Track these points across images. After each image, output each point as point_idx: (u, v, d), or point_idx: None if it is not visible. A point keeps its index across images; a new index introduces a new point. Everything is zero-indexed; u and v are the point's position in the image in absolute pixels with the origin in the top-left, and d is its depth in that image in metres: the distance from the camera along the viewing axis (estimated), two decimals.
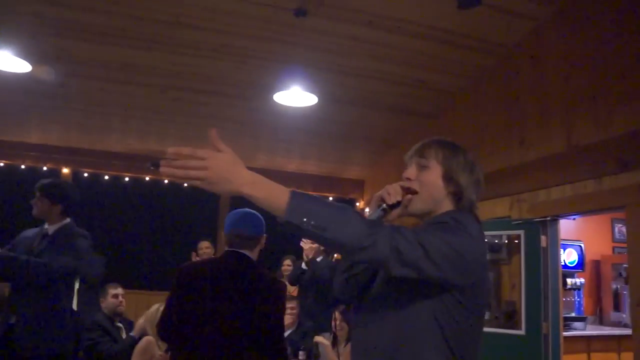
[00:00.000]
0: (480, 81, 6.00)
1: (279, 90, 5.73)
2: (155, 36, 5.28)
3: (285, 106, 6.06)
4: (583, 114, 4.65)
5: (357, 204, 9.11)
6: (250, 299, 2.24)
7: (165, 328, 2.36)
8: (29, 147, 7.76)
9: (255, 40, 5.32)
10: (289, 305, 4.84)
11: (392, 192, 1.74)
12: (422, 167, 1.79)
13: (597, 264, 6.85)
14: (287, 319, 4.86)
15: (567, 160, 4.76)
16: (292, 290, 6.03)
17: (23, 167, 7.77)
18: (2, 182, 7.65)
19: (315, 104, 5.96)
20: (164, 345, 3.38)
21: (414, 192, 1.74)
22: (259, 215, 2.55)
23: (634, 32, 4.25)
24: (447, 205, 1.74)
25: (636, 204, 4.06)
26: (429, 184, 1.75)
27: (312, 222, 1.39)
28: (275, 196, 1.43)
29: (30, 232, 3.69)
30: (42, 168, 7.84)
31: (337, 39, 5.27)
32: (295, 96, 5.71)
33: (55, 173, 7.88)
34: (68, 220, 3.70)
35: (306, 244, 5.61)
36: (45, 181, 3.73)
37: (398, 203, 1.74)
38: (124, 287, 4.92)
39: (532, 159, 5.17)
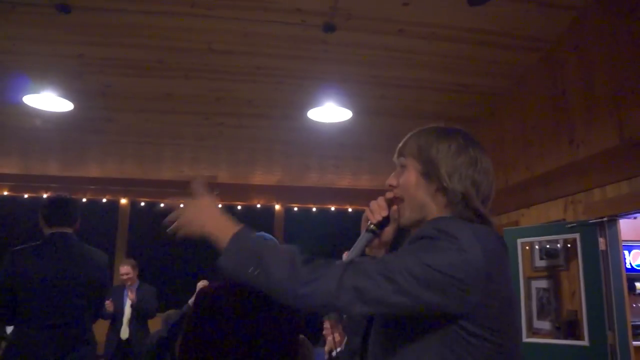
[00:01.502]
0: (523, 80, 5.74)
1: (314, 107, 5.71)
2: (191, 64, 5.40)
3: (321, 123, 6.03)
4: (634, 105, 4.34)
5: None
6: (266, 319, 2.20)
7: (186, 352, 2.34)
8: (88, 181, 8.11)
9: (287, 59, 5.33)
10: (326, 324, 4.77)
11: (376, 209, 1.53)
12: (402, 168, 1.51)
13: None
14: (336, 337, 4.78)
15: (621, 156, 4.44)
16: None
17: (84, 200, 8.11)
18: None
19: (354, 118, 5.89)
20: None
21: (400, 200, 1.46)
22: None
23: None
24: (434, 208, 1.41)
25: None
26: (409, 186, 1.44)
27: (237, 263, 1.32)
28: (222, 236, 1.38)
29: None
30: (101, 200, 8.15)
31: (368, 50, 5.19)
32: (330, 112, 5.67)
33: (114, 204, 8.18)
34: None
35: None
36: None
37: (386, 219, 1.51)
38: None
39: (583, 157, 4.87)
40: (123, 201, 8.22)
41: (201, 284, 4.23)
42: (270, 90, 5.84)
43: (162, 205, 7.81)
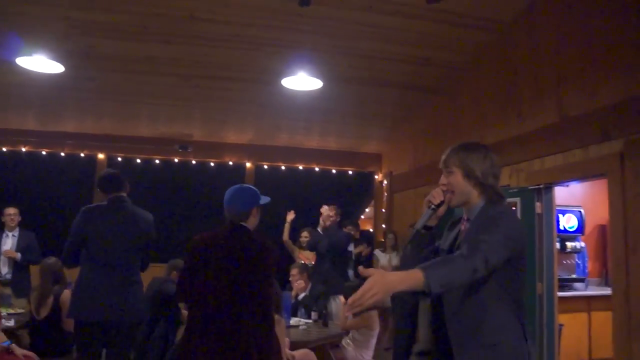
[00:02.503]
0: (480, 57, 6.27)
1: (288, 76, 6.11)
2: (173, 30, 5.73)
3: (293, 90, 6.45)
4: (572, 86, 4.92)
5: (376, 176, 9.49)
6: (243, 259, 2.68)
7: (181, 292, 2.84)
8: (67, 136, 8.39)
9: (264, 28, 5.71)
10: (292, 271, 5.34)
11: (437, 195, 2.35)
12: (449, 173, 2.32)
13: (603, 228, 7.10)
14: (299, 284, 5.37)
15: (558, 131, 5.04)
16: (311, 256, 6.56)
17: (63, 154, 8.41)
18: (45, 169, 8.31)
19: (326, 85, 6.33)
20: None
21: (451, 192, 2.29)
22: (250, 192, 2.94)
23: (619, 8, 4.48)
24: (475, 194, 2.27)
25: (616, 171, 4.35)
26: (457, 184, 2.28)
27: (442, 284, 1.88)
28: (415, 281, 1.86)
29: None
30: (79, 155, 8.47)
31: (340, 23, 5.60)
32: (303, 81, 6.09)
33: (91, 159, 8.51)
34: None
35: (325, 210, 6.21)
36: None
37: (442, 202, 2.33)
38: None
39: (528, 131, 5.47)
40: (100, 156, 8.56)
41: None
42: (246, 57, 6.22)
43: (138, 160, 8.20)
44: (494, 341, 2.09)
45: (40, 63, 5.62)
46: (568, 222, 6.64)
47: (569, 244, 6.53)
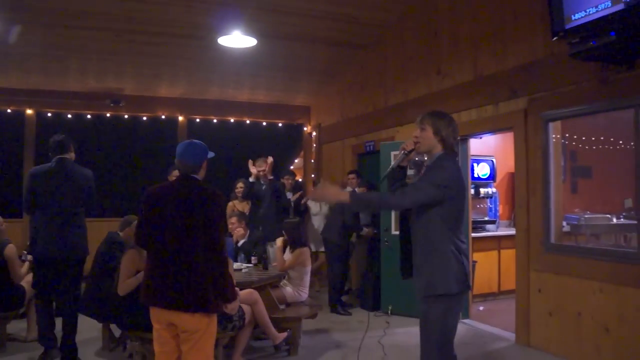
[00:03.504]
0: (404, 17, 6.69)
1: (222, 34, 6.29)
2: None
3: (229, 47, 6.64)
4: (486, 48, 5.44)
5: (305, 128, 9.86)
6: (196, 207, 3.00)
7: (140, 236, 3.15)
8: None
9: None
10: (231, 219, 5.70)
11: (409, 144, 3.07)
12: (422, 129, 3.02)
13: (512, 175, 7.84)
14: (238, 232, 5.74)
15: (474, 89, 5.58)
16: (245, 207, 6.93)
17: None
18: None
19: (258, 42, 6.55)
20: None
21: (419, 143, 3.02)
22: (200, 147, 3.21)
23: None
24: (438, 146, 3.00)
25: (520, 125, 4.94)
26: (426, 137, 3.01)
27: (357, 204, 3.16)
28: (344, 197, 2.99)
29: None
30: (6, 110, 8.31)
31: None
32: (237, 39, 6.29)
33: (19, 114, 8.38)
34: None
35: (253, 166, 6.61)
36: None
37: (412, 149, 3.06)
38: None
39: (446, 87, 5.98)
40: (29, 111, 8.41)
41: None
42: (180, 13, 6.31)
43: (69, 115, 8.15)
44: (434, 248, 2.95)
45: None
46: (482, 170, 7.32)
47: (482, 190, 7.23)
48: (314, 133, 9.63)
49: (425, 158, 3.10)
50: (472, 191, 6.12)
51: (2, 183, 8.14)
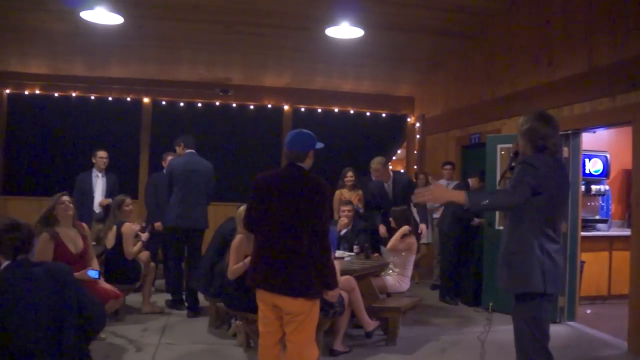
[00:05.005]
0: (514, 5, 6.44)
1: (329, 24, 6.38)
2: None
3: (336, 38, 6.72)
4: (602, 36, 5.13)
5: (409, 119, 9.78)
6: (302, 194, 3.10)
7: (248, 221, 3.30)
8: (113, 81, 8.81)
9: None
10: (344, 207, 5.79)
11: (514, 147, 3.27)
12: (521, 136, 3.14)
13: (628, 172, 7.36)
14: (343, 220, 5.84)
15: (588, 80, 5.29)
16: (354, 197, 7.01)
17: (110, 98, 8.87)
18: (94, 113, 8.80)
19: (365, 33, 6.58)
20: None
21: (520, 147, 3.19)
22: (307, 136, 3.29)
23: None
24: (531, 150, 3.06)
25: None
26: (522, 144, 3.13)
27: (475, 204, 2.93)
28: (459, 198, 2.93)
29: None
30: (126, 99, 8.92)
31: None
32: (345, 30, 6.36)
33: (137, 102, 8.96)
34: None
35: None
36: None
37: (517, 152, 3.22)
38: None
39: (558, 78, 5.71)
40: (146, 100, 8.98)
41: None
42: (287, 4, 6.46)
43: (181, 104, 8.64)
44: (520, 247, 2.98)
45: (100, 15, 5.96)
46: (594, 166, 6.93)
47: (593, 187, 6.86)
48: (418, 124, 9.54)
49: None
50: (583, 188, 5.82)
51: (122, 166, 8.77)
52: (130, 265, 5.42)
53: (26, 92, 8.75)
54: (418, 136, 9.54)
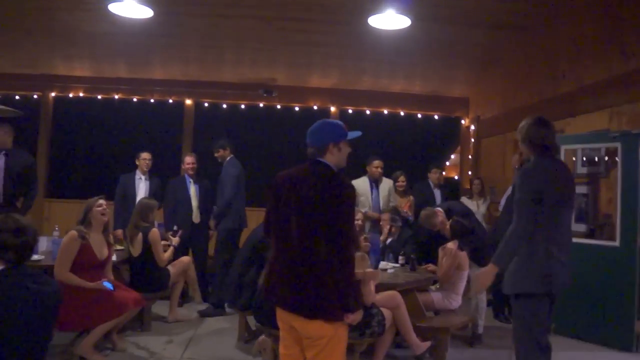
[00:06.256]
0: None
1: (374, 12, 5.89)
2: None
3: (380, 29, 6.23)
4: None
5: (462, 121, 9.17)
6: (320, 196, 2.60)
7: (265, 225, 2.88)
8: (155, 83, 8.64)
9: None
10: (384, 216, 5.30)
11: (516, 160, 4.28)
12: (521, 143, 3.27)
13: None
14: (389, 228, 5.37)
15: None
16: (404, 204, 6.54)
17: (152, 100, 8.70)
18: (136, 115, 8.66)
19: (412, 24, 6.06)
20: None
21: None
22: (330, 126, 2.80)
23: None
24: (534, 154, 3.17)
25: None
26: (525, 150, 3.25)
27: (506, 261, 3.09)
28: (495, 270, 3.10)
29: None
30: (168, 100, 8.72)
31: None
32: (389, 19, 5.86)
33: (179, 104, 8.75)
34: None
35: None
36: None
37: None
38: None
39: (633, 69, 5.03)
40: (188, 102, 8.76)
41: None
42: None
43: (224, 106, 8.37)
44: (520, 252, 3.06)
45: (130, 8, 5.71)
46: None
47: None
48: (472, 126, 8.90)
49: None
50: None
51: (164, 169, 8.53)
52: (157, 273, 5.11)
53: (70, 95, 8.69)
54: (473, 140, 8.91)
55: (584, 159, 5.71)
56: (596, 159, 5.57)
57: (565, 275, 3.05)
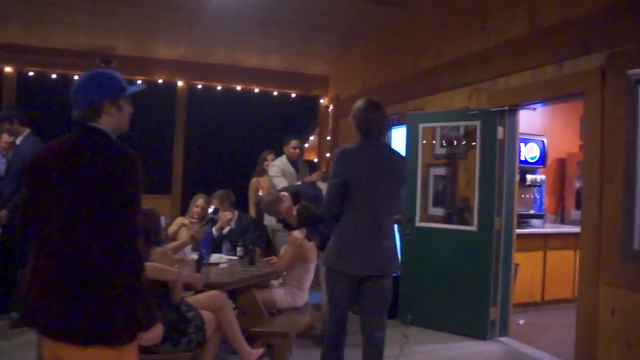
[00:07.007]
0: None
1: None
2: None
3: None
4: None
5: (322, 100, 8.71)
6: (87, 172, 1.84)
7: (21, 219, 2.11)
8: None
9: None
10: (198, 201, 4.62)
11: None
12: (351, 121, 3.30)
13: (562, 162, 6.60)
14: (226, 215, 4.64)
15: (528, 45, 4.37)
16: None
17: None
18: None
19: None
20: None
21: None
22: (103, 79, 2.02)
23: None
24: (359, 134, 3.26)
25: (595, 89, 3.72)
26: (354, 129, 3.29)
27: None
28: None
29: None
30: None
31: None
32: None
33: None
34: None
35: None
36: None
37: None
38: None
39: (493, 44, 4.77)
40: (8, 69, 7.41)
41: None
42: None
43: (53, 76, 7.15)
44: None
45: None
46: (530, 152, 6.07)
47: (529, 177, 5.98)
48: (331, 106, 8.46)
49: None
50: (518, 177, 4.90)
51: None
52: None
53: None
54: (331, 120, 8.46)
55: (443, 142, 5.42)
56: (455, 142, 5.29)
57: (368, 258, 3.05)
